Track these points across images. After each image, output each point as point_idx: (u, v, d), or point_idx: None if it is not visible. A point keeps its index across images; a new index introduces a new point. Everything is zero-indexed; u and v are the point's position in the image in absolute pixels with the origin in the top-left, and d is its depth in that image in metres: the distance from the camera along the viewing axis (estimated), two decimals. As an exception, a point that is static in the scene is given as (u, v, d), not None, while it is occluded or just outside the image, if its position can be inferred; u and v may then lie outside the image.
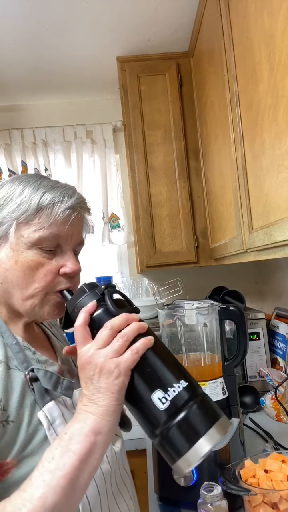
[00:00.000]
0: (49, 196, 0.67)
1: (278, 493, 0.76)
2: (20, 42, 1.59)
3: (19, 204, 0.66)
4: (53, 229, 0.67)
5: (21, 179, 0.70)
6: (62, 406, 0.66)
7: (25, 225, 0.67)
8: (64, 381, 0.67)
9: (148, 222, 1.71)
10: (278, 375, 1.40)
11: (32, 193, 0.67)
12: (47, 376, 0.65)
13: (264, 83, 0.86)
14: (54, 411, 0.64)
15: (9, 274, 0.67)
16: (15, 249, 0.67)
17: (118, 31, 1.59)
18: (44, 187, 0.68)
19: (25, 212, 0.66)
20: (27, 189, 0.67)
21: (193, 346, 1.00)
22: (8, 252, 0.67)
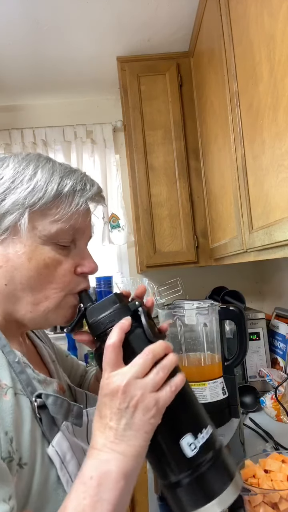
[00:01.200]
0: (69, 182, 0.57)
1: (278, 493, 0.76)
2: (20, 42, 1.59)
3: (32, 189, 0.55)
4: (73, 222, 0.57)
5: (28, 159, 0.58)
6: (68, 435, 0.57)
7: (40, 215, 0.55)
8: (75, 407, 0.58)
9: (148, 222, 1.71)
10: (278, 375, 1.40)
11: (48, 177, 0.56)
12: (57, 404, 0.55)
13: (264, 83, 0.86)
14: (63, 444, 0.55)
15: (19, 274, 0.55)
16: (28, 244, 0.55)
17: (118, 31, 1.59)
18: (60, 171, 0.58)
19: (41, 199, 0.55)
20: (40, 171, 0.56)
21: (193, 346, 1.00)
22: (17, 247, 0.55)
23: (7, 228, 0.55)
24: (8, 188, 0.55)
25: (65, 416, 0.56)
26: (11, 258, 0.55)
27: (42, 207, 0.55)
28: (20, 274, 0.55)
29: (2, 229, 0.54)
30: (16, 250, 0.55)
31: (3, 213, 0.54)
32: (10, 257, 0.55)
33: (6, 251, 0.55)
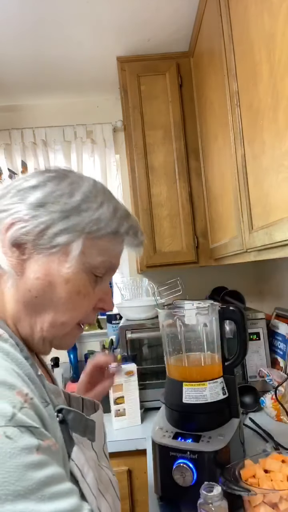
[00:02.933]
0: (126, 225, 0.60)
1: (278, 493, 0.76)
2: (20, 42, 1.59)
3: (97, 219, 0.57)
4: (114, 259, 0.61)
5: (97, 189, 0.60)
6: (83, 448, 0.57)
7: (92, 244, 0.57)
8: (90, 422, 0.58)
9: (148, 222, 1.71)
10: (278, 375, 1.40)
11: (112, 212, 0.58)
12: (77, 419, 0.55)
13: (264, 83, 0.86)
14: (80, 457, 0.54)
15: (52, 291, 0.55)
16: (72, 266, 0.56)
17: (118, 31, 1.59)
18: (122, 211, 0.61)
19: (100, 230, 0.57)
20: (107, 204, 0.59)
21: (193, 346, 1.00)
22: (62, 266, 0.55)
23: (59, 245, 0.55)
24: (75, 209, 0.56)
25: (83, 433, 0.56)
26: (52, 274, 0.55)
27: (97, 237, 0.57)
28: (53, 292, 0.55)
29: (54, 244, 0.55)
30: (60, 268, 0.55)
31: (62, 229, 0.55)
32: (51, 273, 0.55)
33: (49, 266, 0.55)
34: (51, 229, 0.54)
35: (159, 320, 1.07)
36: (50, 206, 0.55)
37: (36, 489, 0.41)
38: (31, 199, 0.55)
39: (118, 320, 1.92)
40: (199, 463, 0.87)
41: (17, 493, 0.39)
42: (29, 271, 0.55)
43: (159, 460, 0.94)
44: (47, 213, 0.55)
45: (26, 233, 0.54)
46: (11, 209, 0.55)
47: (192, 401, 0.93)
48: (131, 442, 1.33)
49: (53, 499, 0.42)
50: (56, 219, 0.55)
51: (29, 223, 0.54)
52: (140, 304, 1.72)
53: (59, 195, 0.56)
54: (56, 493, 0.43)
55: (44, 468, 0.43)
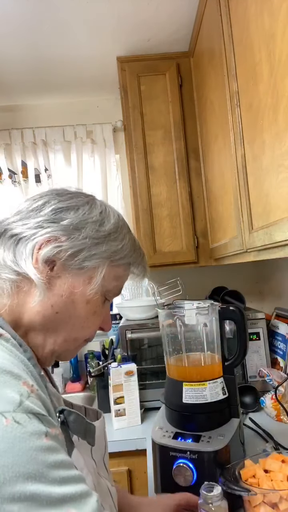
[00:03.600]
0: (138, 259, 0.67)
1: (278, 493, 0.76)
2: (20, 42, 1.59)
3: (121, 249, 0.63)
4: (122, 285, 0.67)
5: (122, 221, 0.67)
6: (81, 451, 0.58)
7: (111, 269, 0.62)
8: (91, 426, 0.59)
9: (148, 222, 1.71)
10: (278, 375, 1.40)
11: (131, 246, 0.65)
12: (78, 421, 0.56)
13: (264, 83, 0.86)
14: (79, 460, 0.55)
15: (73, 309, 0.59)
16: (94, 289, 0.60)
17: (118, 31, 1.59)
18: (136, 245, 0.68)
19: (121, 259, 0.63)
20: (128, 237, 0.65)
21: (193, 346, 1.00)
22: (86, 287, 0.59)
23: (86, 267, 0.59)
24: (106, 237, 0.61)
25: (83, 435, 0.57)
26: (75, 294, 0.59)
27: (116, 265, 0.63)
28: (74, 309, 0.59)
29: (82, 266, 0.59)
30: (84, 289, 0.59)
31: (92, 254, 0.59)
32: (75, 292, 0.59)
33: (74, 285, 0.59)
34: (82, 253, 0.59)
35: (159, 320, 1.07)
36: (85, 231, 0.59)
37: (47, 472, 0.42)
38: (67, 221, 0.59)
39: (118, 320, 1.92)
40: (199, 463, 0.87)
41: (27, 475, 0.40)
42: (55, 288, 0.58)
43: (159, 460, 0.94)
44: (82, 237, 0.59)
45: (59, 253, 0.57)
46: (46, 228, 0.58)
47: (192, 401, 0.93)
48: (131, 442, 1.33)
49: (64, 483, 0.43)
50: (89, 244, 0.59)
51: (64, 243, 0.58)
52: (140, 304, 1.72)
53: (93, 222, 0.61)
54: (66, 477, 0.44)
55: (54, 453, 0.44)
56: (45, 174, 2.03)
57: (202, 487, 0.78)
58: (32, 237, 0.57)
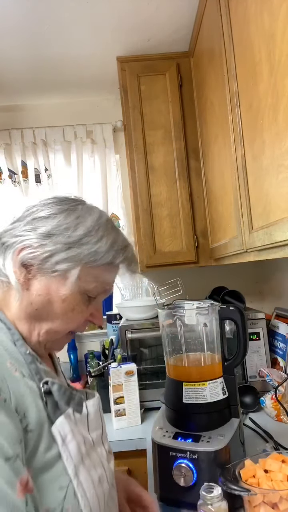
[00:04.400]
0: (120, 257, 0.70)
1: (278, 493, 0.76)
2: (20, 42, 1.59)
3: (95, 252, 0.67)
4: (107, 285, 0.71)
5: (99, 223, 0.69)
6: (70, 421, 0.64)
7: (88, 271, 0.67)
8: (76, 395, 0.66)
9: (148, 222, 1.71)
10: (278, 375, 1.40)
11: (109, 247, 0.68)
12: (61, 390, 0.63)
13: (264, 83, 0.86)
14: (65, 426, 0.62)
15: (50, 307, 0.66)
16: (68, 289, 0.66)
17: (118, 31, 1.59)
18: (118, 244, 0.70)
19: (96, 261, 0.67)
20: (105, 239, 0.68)
21: (193, 346, 1.00)
22: (60, 287, 0.66)
23: (59, 270, 0.65)
24: (76, 242, 0.66)
25: (67, 402, 0.64)
26: (51, 294, 0.66)
27: (92, 266, 0.67)
28: (51, 308, 0.66)
29: (55, 269, 0.65)
30: (58, 289, 0.66)
31: (63, 258, 0.65)
32: (50, 292, 0.66)
33: (49, 286, 0.66)
34: (54, 257, 0.65)
35: (159, 320, 1.07)
36: (56, 237, 0.65)
37: None
38: (41, 230, 0.66)
39: (118, 320, 1.92)
40: (199, 463, 0.87)
41: None
42: (33, 288, 0.66)
43: (159, 460, 0.94)
44: (53, 243, 0.65)
45: (33, 258, 0.65)
46: (24, 236, 0.66)
47: (192, 401, 0.93)
48: (131, 442, 1.33)
49: None
50: (59, 249, 0.65)
51: (36, 249, 0.65)
52: (140, 304, 1.72)
53: (65, 229, 0.66)
54: None
55: None
56: (45, 174, 2.03)
57: (202, 488, 0.78)
58: (13, 245, 0.66)
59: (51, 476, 0.57)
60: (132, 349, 1.64)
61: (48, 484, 0.57)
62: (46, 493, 0.56)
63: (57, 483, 0.57)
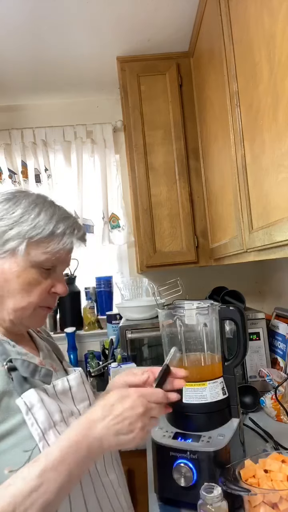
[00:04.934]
0: (62, 226, 0.75)
1: (278, 493, 0.76)
2: (20, 42, 1.59)
3: (34, 226, 0.72)
4: (58, 255, 0.75)
5: (36, 202, 0.76)
6: (42, 394, 0.70)
7: (35, 245, 0.73)
8: (42, 369, 0.71)
9: (148, 222, 1.71)
10: (278, 375, 1.40)
11: (48, 219, 0.74)
12: (24, 365, 0.69)
13: (264, 83, 0.86)
14: (33, 397, 0.68)
15: (7, 285, 0.73)
16: (20, 265, 0.72)
17: (118, 31, 1.59)
18: (58, 216, 0.76)
19: (38, 234, 0.72)
20: (43, 213, 0.74)
21: (193, 346, 1.00)
22: (12, 265, 0.72)
23: (8, 250, 0.72)
24: (16, 221, 0.72)
25: (32, 375, 0.69)
26: (5, 272, 0.73)
27: (38, 240, 0.73)
28: (9, 285, 0.73)
29: (3, 250, 0.72)
30: (11, 267, 0.72)
31: (8, 239, 0.72)
32: (4, 271, 0.73)
33: (2, 266, 0.73)
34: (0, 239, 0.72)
35: (159, 320, 1.07)
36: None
37: None
38: None
39: (118, 320, 1.92)
40: (199, 463, 0.87)
41: None
42: None
43: (159, 460, 0.94)
44: None
45: None
46: None
47: (192, 401, 0.93)
48: (131, 442, 1.33)
49: None
50: (3, 232, 0.72)
51: None
52: (140, 304, 1.72)
53: (5, 213, 0.73)
54: None
55: None
56: (45, 174, 2.03)
57: (202, 488, 0.78)
58: None
59: (15, 440, 0.64)
60: (132, 349, 1.64)
61: (12, 447, 0.63)
62: (9, 455, 0.62)
63: (21, 447, 0.63)
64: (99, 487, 0.73)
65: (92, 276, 2.09)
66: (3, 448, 0.63)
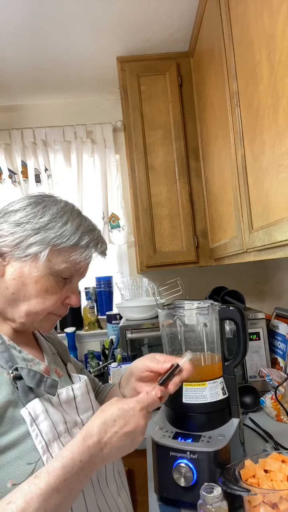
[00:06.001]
0: (86, 238, 0.75)
1: (278, 493, 0.76)
2: (20, 42, 1.59)
3: (60, 234, 0.72)
4: (78, 266, 0.76)
5: (64, 210, 0.76)
6: (47, 404, 0.69)
7: (57, 254, 0.73)
8: (48, 379, 0.70)
9: (148, 222, 1.71)
10: (278, 375, 1.40)
11: (74, 229, 0.74)
12: (30, 375, 0.68)
13: (264, 83, 0.86)
14: (37, 408, 0.67)
15: (25, 289, 0.72)
16: (40, 271, 0.72)
17: (118, 31, 1.59)
18: (84, 227, 0.76)
19: (63, 243, 0.72)
20: (70, 223, 0.74)
21: (193, 346, 1.00)
22: (32, 270, 0.72)
23: (30, 254, 0.72)
24: (43, 227, 0.72)
25: (37, 385, 0.68)
26: (24, 276, 0.72)
27: (61, 249, 0.73)
28: (26, 290, 0.72)
29: (26, 253, 0.72)
30: (30, 272, 0.72)
31: (32, 243, 0.72)
32: (24, 275, 0.72)
33: (22, 269, 0.72)
34: (24, 242, 0.72)
35: (159, 320, 1.07)
36: (24, 225, 0.72)
37: None
38: (11, 219, 0.73)
39: (118, 320, 1.92)
40: (199, 463, 0.87)
41: None
42: (7, 273, 0.73)
43: (159, 460, 0.94)
44: (22, 230, 0.72)
45: (5, 246, 0.72)
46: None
47: (192, 401, 0.93)
48: (131, 442, 1.33)
49: None
50: (28, 235, 0.72)
51: (7, 237, 0.72)
52: (140, 304, 1.72)
53: (32, 217, 0.73)
54: None
55: None
56: (45, 174, 2.03)
57: (202, 488, 0.78)
58: None
59: (19, 452, 0.62)
60: (132, 349, 1.64)
61: (15, 459, 0.62)
62: (12, 468, 0.61)
63: (25, 459, 0.62)
64: (100, 496, 0.73)
65: (92, 276, 2.09)
66: (7, 460, 0.62)
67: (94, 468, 0.63)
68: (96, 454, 0.63)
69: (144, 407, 0.69)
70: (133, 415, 0.67)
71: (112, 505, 0.75)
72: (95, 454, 0.63)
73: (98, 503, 0.72)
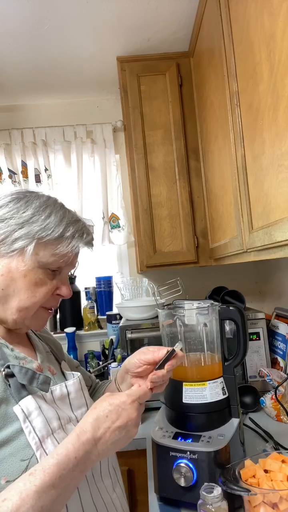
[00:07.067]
0: (71, 229, 0.75)
1: (278, 493, 0.76)
2: (20, 42, 1.59)
3: (45, 227, 0.73)
4: (66, 258, 0.76)
5: (47, 203, 0.76)
6: (40, 400, 0.69)
7: (43, 246, 0.73)
8: (40, 376, 0.70)
9: (148, 222, 1.71)
10: (278, 375, 1.40)
11: (58, 221, 0.74)
12: (22, 372, 0.68)
13: (264, 83, 0.86)
14: (30, 404, 0.67)
15: (14, 285, 0.72)
16: (28, 265, 0.73)
17: (118, 31, 1.59)
18: (68, 219, 0.76)
19: (48, 236, 0.73)
20: (53, 215, 0.75)
21: (193, 346, 1.00)
22: (19, 264, 0.72)
23: (16, 249, 0.72)
24: (27, 221, 0.73)
25: (30, 382, 0.68)
26: (12, 271, 0.72)
27: (47, 241, 0.73)
28: (15, 285, 0.73)
29: (12, 248, 0.72)
30: (18, 266, 0.72)
31: (17, 238, 0.72)
32: (11, 270, 0.72)
33: (10, 265, 0.72)
34: (9, 238, 0.72)
35: (159, 320, 1.07)
36: (8, 221, 0.72)
37: None
38: None
39: (118, 320, 1.92)
40: (199, 463, 0.87)
41: None
42: None
43: (159, 460, 0.94)
44: (6, 226, 0.72)
45: None
46: None
47: (192, 401, 0.93)
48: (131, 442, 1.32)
49: None
50: (12, 230, 0.72)
51: None
52: (140, 304, 1.71)
53: (16, 212, 0.73)
54: None
55: None
56: (45, 174, 2.03)
57: (202, 488, 0.78)
58: None
59: (12, 449, 0.63)
60: (132, 349, 1.64)
61: (9, 456, 0.62)
62: (6, 465, 0.61)
63: (18, 456, 0.63)
64: (95, 491, 0.73)
65: (92, 276, 2.09)
66: (0, 457, 0.62)
67: (89, 464, 0.64)
68: (91, 451, 0.64)
69: (135, 399, 0.70)
70: (124, 409, 0.68)
71: (107, 500, 0.75)
72: (89, 450, 0.63)
73: (93, 498, 0.72)
